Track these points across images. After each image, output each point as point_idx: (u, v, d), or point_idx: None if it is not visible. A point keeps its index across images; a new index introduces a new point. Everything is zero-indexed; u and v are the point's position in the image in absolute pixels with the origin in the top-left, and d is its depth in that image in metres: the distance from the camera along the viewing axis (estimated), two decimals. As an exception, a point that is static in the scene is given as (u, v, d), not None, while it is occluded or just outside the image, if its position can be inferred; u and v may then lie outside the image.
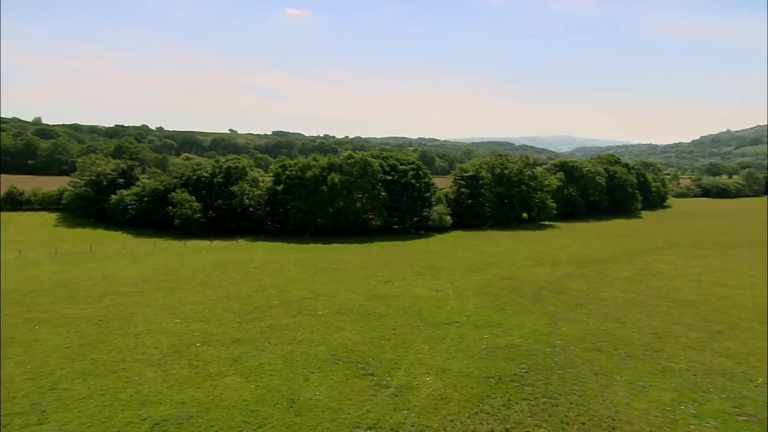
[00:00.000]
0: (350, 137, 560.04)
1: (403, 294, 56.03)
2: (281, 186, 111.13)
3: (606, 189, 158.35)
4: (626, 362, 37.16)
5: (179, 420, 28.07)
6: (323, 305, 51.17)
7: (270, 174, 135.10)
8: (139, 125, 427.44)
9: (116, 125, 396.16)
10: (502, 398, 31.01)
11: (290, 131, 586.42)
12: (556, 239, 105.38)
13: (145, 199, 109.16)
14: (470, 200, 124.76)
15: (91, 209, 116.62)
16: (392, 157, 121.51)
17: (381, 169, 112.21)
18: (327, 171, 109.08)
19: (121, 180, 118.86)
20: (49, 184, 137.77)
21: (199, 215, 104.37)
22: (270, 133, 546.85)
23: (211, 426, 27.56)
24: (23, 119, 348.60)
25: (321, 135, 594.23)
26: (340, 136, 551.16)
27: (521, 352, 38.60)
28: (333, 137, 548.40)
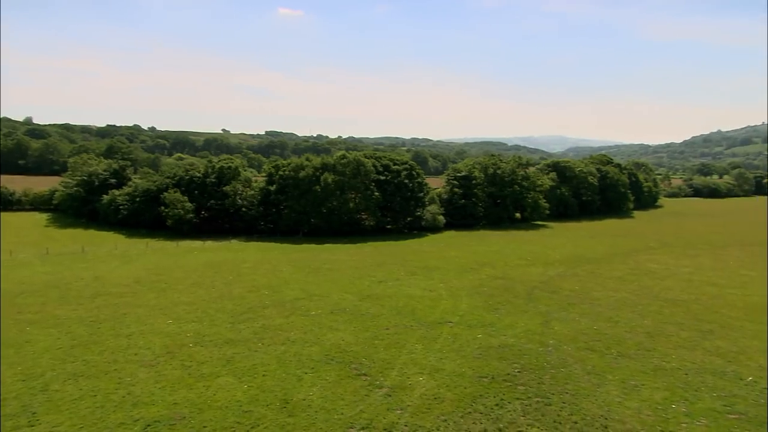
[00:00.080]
0: (343, 137, 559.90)
1: (397, 294, 56.10)
2: (274, 186, 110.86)
3: (598, 189, 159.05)
4: (618, 361, 37.38)
5: (172, 421, 27.98)
6: (316, 305, 51.14)
7: (263, 174, 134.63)
8: (131, 125, 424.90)
9: (108, 125, 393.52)
10: (495, 398, 31.12)
11: (283, 131, 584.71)
12: (549, 239, 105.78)
13: (137, 200, 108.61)
14: (463, 200, 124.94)
15: (83, 209, 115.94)
16: (385, 157, 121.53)
17: (374, 169, 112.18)
18: (320, 171, 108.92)
19: (113, 180, 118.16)
20: (40, 185, 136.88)
21: (192, 215, 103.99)
22: (263, 133, 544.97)
23: (204, 427, 27.49)
24: (14, 119, 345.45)
25: (314, 135, 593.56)
26: (334, 136, 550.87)
27: (514, 352, 38.74)
28: (326, 137, 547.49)
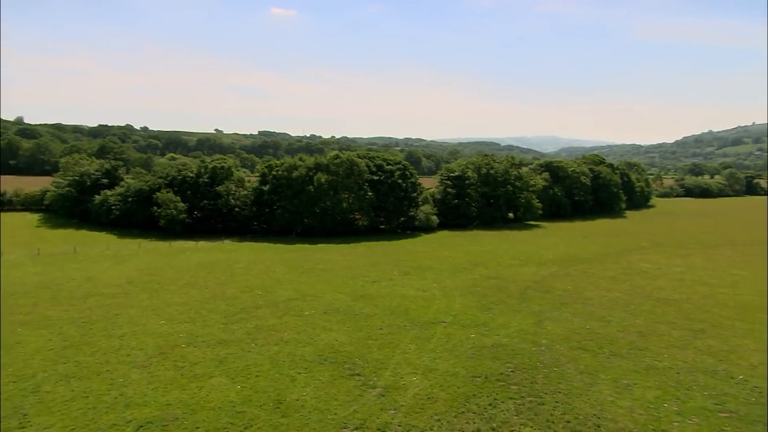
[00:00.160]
0: (337, 137, 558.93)
1: (390, 294, 56.12)
2: (267, 186, 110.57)
3: (591, 189, 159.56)
4: (611, 361, 37.56)
5: (164, 422, 27.87)
6: (310, 306, 51.09)
7: (256, 174, 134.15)
8: (124, 125, 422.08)
9: (100, 125, 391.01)
10: (489, 397, 31.20)
11: (276, 131, 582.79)
12: (542, 239, 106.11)
13: (130, 200, 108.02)
14: (456, 200, 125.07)
15: (75, 210, 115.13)
16: (379, 157, 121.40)
17: (367, 169, 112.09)
18: (313, 171, 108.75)
19: (105, 180, 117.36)
20: (32, 185, 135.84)
21: (185, 216, 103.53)
22: (256, 133, 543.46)
23: (197, 428, 27.40)
24: (5, 119, 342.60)
25: (307, 135, 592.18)
26: (327, 136, 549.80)
27: (507, 352, 38.85)
28: (319, 137, 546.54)
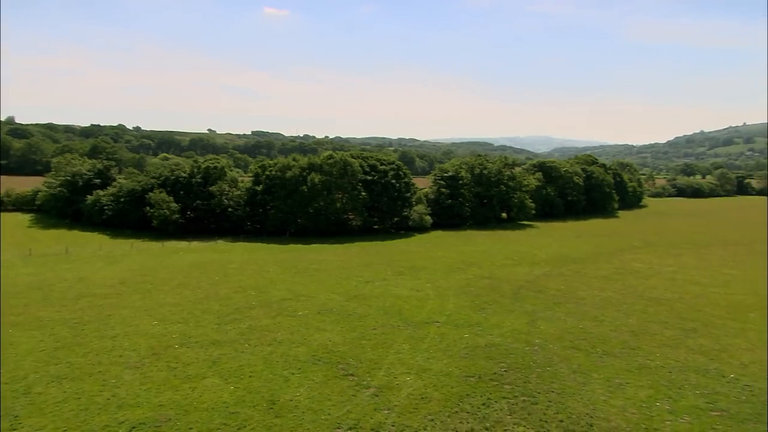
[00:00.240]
0: (330, 137, 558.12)
1: (384, 294, 56.13)
2: (261, 186, 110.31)
3: (583, 189, 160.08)
4: (603, 360, 37.73)
5: (157, 423, 27.76)
6: (303, 306, 51.02)
7: (249, 174, 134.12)
8: (116, 125, 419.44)
9: (92, 125, 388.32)
10: (482, 397, 31.27)
11: (270, 131, 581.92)
12: (535, 239, 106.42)
13: (122, 200, 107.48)
14: (450, 200, 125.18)
15: (67, 210, 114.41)
16: (372, 158, 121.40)
17: (361, 170, 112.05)
18: (307, 171, 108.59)
19: (98, 180, 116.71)
20: (23, 185, 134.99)
21: (178, 216, 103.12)
22: (249, 133, 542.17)
23: (190, 429, 27.31)
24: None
25: (301, 135, 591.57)
26: (320, 136, 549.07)
27: (501, 351, 38.94)
28: (313, 137, 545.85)
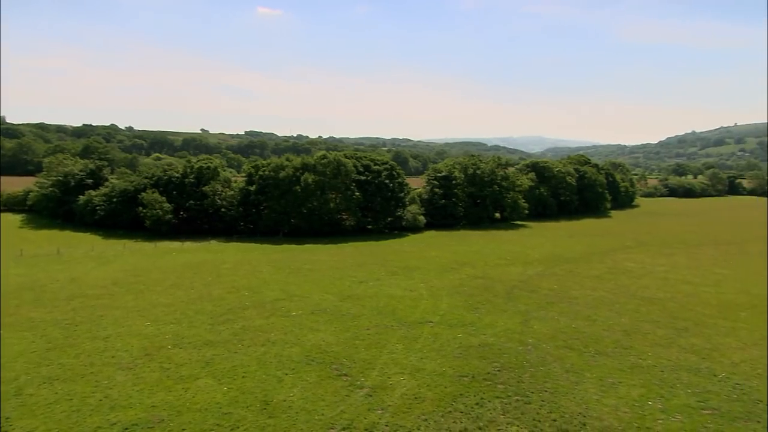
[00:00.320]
0: (324, 137, 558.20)
1: (377, 294, 56.13)
2: (254, 186, 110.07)
3: (576, 189, 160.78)
4: (596, 359, 37.89)
5: (150, 424, 27.65)
6: (297, 306, 50.95)
7: (243, 174, 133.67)
8: (108, 125, 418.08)
9: (84, 125, 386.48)
10: (476, 397, 31.33)
11: (263, 131, 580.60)
12: (528, 239, 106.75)
13: (115, 200, 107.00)
14: (443, 200, 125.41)
15: (58, 210, 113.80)
16: (366, 158, 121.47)
17: (355, 170, 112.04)
18: (300, 171, 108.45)
19: (90, 180, 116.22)
20: (14, 185, 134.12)
21: (170, 216, 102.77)
22: (242, 133, 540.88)
23: (183, 429, 27.22)
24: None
25: (294, 135, 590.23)
26: (314, 136, 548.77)
27: (494, 351, 39.03)
28: (306, 137, 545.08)
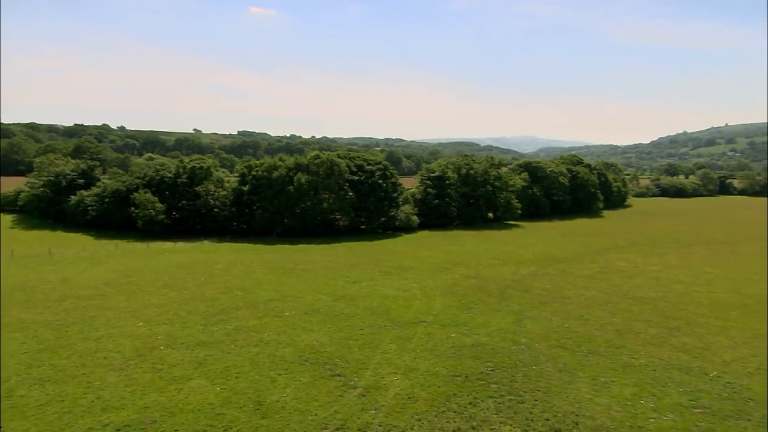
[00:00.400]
0: (317, 137, 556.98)
1: (371, 294, 56.14)
2: (247, 186, 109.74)
3: (569, 189, 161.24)
4: (589, 359, 38.06)
5: (142, 425, 27.54)
6: (290, 306, 50.88)
7: (235, 174, 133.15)
8: (100, 124, 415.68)
9: (75, 124, 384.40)
10: (469, 396, 31.40)
11: (256, 131, 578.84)
12: (521, 238, 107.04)
13: (107, 200, 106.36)
14: (437, 200, 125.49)
15: (50, 210, 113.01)
16: (359, 158, 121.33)
17: (348, 170, 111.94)
18: (294, 171, 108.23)
19: (81, 180, 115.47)
20: (5, 185, 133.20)
21: (163, 216, 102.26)
22: (235, 133, 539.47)
23: (176, 430, 27.13)
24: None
25: (287, 135, 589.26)
26: (307, 136, 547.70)
27: (487, 351, 39.13)
28: (299, 137, 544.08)
